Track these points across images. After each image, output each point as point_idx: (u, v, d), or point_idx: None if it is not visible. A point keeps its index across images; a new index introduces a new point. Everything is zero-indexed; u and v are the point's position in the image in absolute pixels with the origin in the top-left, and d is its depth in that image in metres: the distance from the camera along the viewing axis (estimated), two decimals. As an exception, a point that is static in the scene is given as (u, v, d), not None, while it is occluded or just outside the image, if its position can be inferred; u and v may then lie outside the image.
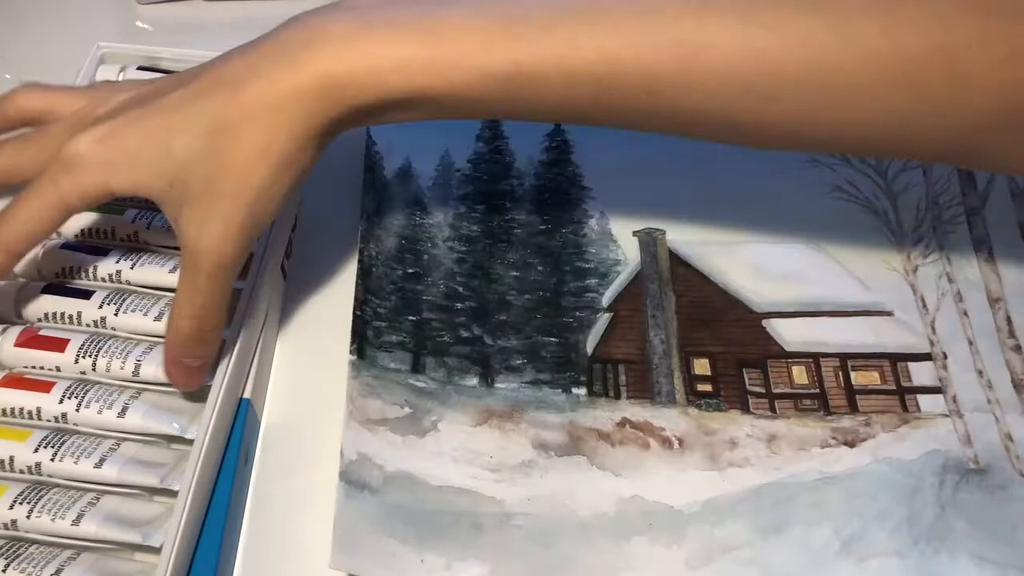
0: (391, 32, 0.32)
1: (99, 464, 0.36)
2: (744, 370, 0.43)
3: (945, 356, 0.43)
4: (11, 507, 0.35)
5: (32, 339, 0.39)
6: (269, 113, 0.33)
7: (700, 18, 0.31)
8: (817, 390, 0.42)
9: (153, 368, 0.38)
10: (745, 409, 0.42)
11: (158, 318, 0.40)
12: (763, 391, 0.42)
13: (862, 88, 0.31)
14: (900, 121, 0.32)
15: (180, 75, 0.37)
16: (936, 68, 0.30)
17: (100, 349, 0.39)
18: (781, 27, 0.31)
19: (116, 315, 0.40)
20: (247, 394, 0.40)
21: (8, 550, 0.35)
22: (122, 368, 0.39)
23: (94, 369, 0.39)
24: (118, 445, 0.37)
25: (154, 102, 0.35)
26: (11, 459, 0.37)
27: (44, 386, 0.38)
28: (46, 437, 0.37)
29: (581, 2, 0.32)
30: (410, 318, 0.44)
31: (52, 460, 0.36)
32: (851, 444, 0.40)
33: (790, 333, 0.44)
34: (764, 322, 0.44)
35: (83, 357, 0.39)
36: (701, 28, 0.31)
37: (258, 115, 0.33)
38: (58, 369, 0.39)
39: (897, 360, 0.43)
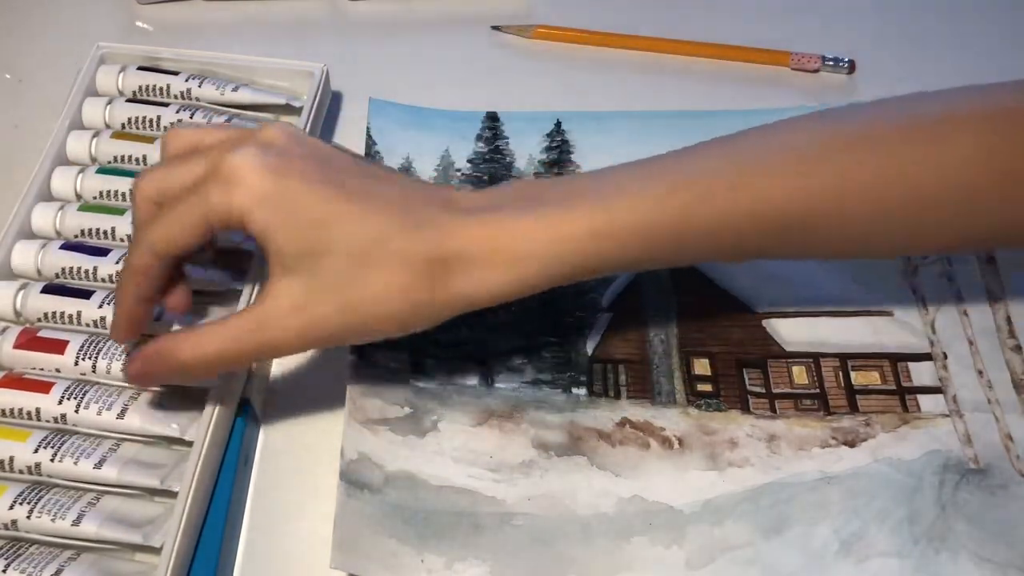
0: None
1: (99, 465, 0.36)
2: (744, 370, 0.43)
3: (945, 356, 0.43)
4: (11, 507, 0.35)
5: (31, 341, 0.39)
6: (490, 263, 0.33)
7: (842, 162, 0.34)
8: (817, 390, 0.42)
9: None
10: (745, 409, 0.42)
11: (159, 317, 0.40)
12: (763, 391, 0.42)
13: (981, 195, 0.34)
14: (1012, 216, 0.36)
15: (374, 165, 0.35)
16: None
17: (100, 351, 0.39)
18: (915, 154, 0.34)
19: (116, 315, 0.40)
20: (247, 394, 0.40)
21: (8, 550, 0.35)
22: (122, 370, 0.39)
23: (94, 371, 0.39)
24: (118, 446, 0.37)
25: (335, 170, 0.33)
26: (11, 459, 0.37)
27: (43, 387, 0.38)
28: (46, 437, 0.37)
29: (745, 156, 0.35)
30: (410, 318, 0.44)
31: (52, 460, 0.36)
32: (851, 444, 0.40)
33: (790, 333, 0.44)
34: (764, 322, 0.44)
35: (83, 359, 0.39)
36: (853, 165, 0.34)
37: (463, 262, 0.33)
38: (58, 371, 0.39)
39: (897, 360, 0.43)
